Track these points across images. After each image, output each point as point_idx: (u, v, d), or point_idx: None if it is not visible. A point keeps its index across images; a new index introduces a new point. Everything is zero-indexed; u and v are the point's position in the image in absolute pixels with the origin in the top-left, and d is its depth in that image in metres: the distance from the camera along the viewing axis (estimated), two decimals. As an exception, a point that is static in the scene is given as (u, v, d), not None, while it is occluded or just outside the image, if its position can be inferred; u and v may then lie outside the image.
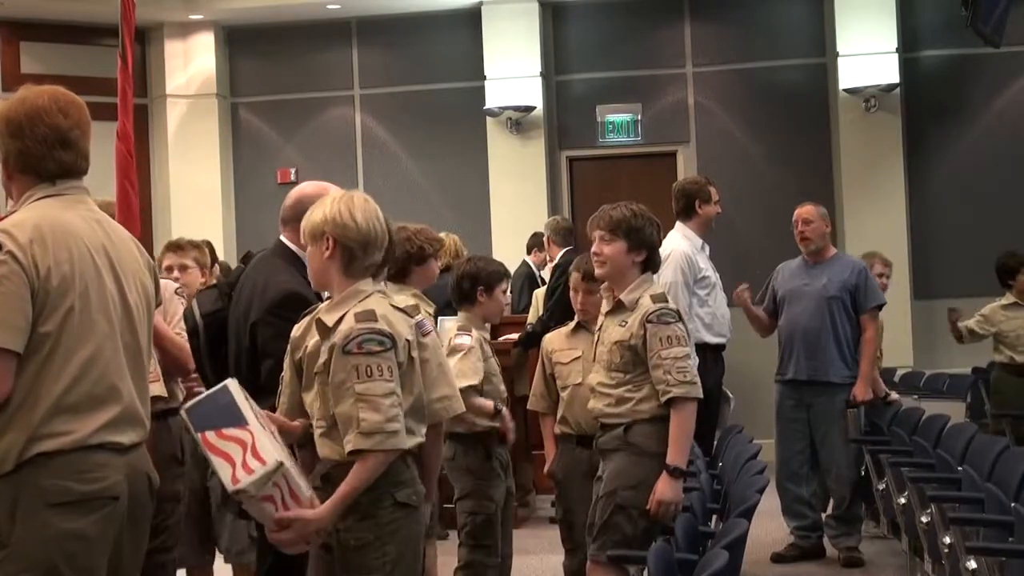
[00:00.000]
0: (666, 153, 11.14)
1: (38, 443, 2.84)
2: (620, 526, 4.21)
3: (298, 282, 4.03)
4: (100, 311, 2.98)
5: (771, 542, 6.93)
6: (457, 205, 11.22)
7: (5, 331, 2.80)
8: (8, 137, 3.05)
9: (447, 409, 3.85)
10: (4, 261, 2.83)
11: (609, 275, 4.41)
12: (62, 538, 2.85)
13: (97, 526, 2.89)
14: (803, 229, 6.88)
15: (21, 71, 10.85)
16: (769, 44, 11.07)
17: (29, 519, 2.83)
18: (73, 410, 2.88)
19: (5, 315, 2.81)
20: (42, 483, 2.84)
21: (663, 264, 6.65)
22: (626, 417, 4.30)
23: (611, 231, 4.36)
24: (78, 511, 2.87)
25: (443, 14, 11.30)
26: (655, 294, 4.34)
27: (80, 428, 2.88)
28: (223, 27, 11.55)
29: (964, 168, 10.74)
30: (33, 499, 2.84)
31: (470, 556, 4.96)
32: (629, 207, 4.41)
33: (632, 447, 4.27)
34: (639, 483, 4.23)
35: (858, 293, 6.77)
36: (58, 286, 2.89)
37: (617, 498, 4.25)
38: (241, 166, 11.69)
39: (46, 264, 2.88)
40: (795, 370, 6.81)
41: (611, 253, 4.36)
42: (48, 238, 2.91)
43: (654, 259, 4.44)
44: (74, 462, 2.86)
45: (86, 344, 2.92)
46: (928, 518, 5.00)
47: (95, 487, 2.87)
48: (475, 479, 4.99)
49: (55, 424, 2.86)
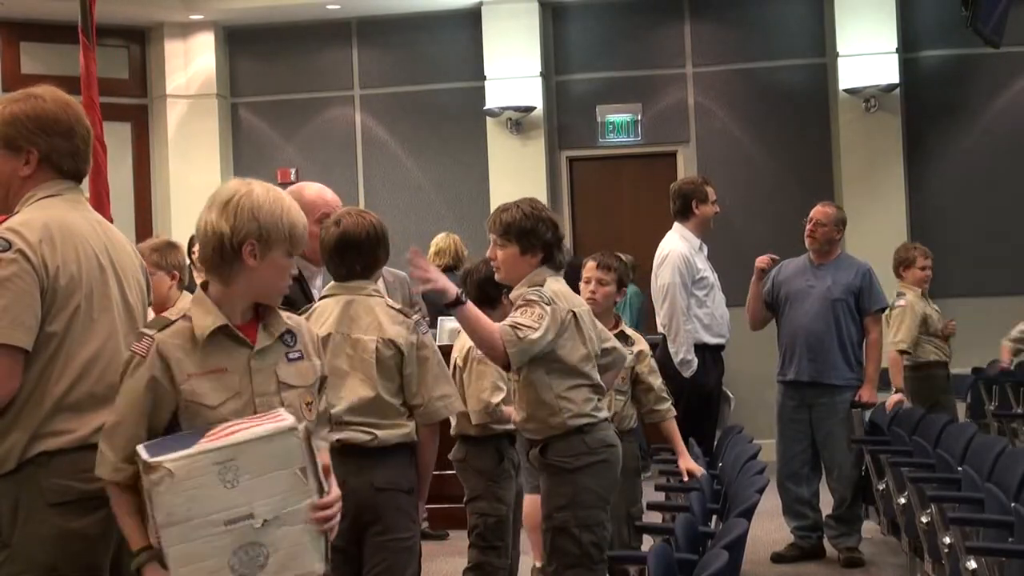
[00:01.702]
0: (666, 153, 11.14)
1: (40, 442, 2.85)
2: (565, 548, 4.12)
3: None
4: (103, 311, 2.99)
5: (771, 542, 6.94)
6: (457, 205, 11.23)
7: (17, 329, 2.81)
8: (57, 136, 3.04)
9: (447, 407, 3.87)
10: (15, 260, 2.84)
11: (507, 280, 4.25)
12: (64, 538, 2.85)
13: (99, 525, 2.89)
14: (813, 229, 6.85)
15: (21, 71, 10.85)
16: (769, 44, 11.07)
17: (31, 519, 2.84)
18: (75, 409, 2.88)
19: (17, 313, 2.81)
20: (43, 482, 2.84)
21: (662, 265, 6.67)
22: (539, 434, 4.18)
23: (503, 235, 4.18)
24: (79, 510, 2.86)
25: (443, 14, 11.30)
26: (533, 281, 4.14)
27: (81, 427, 2.88)
28: (223, 27, 11.55)
29: (964, 168, 10.74)
30: (35, 498, 2.84)
31: (481, 557, 4.96)
32: (521, 207, 4.19)
33: (552, 467, 4.16)
34: (568, 502, 4.12)
35: (862, 295, 6.76)
36: (66, 286, 2.90)
37: (554, 521, 4.15)
38: (241, 166, 11.68)
39: (55, 264, 2.89)
40: (797, 371, 6.79)
41: (504, 257, 4.20)
42: (56, 238, 2.92)
43: (554, 257, 4.21)
44: (75, 461, 2.86)
45: (89, 343, 2.93)
46: (928, 518, 5.00)
47: (96, 486, 2.86)
48: (487, 480, 4.98)
49: (57, 423, 2.86)
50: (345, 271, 3.89)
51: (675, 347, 6.50)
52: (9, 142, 3.01)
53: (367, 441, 3.74)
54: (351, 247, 3.86)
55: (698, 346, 6.56)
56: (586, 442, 4.15)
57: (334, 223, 3.90)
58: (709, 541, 4.12)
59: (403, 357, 3.77)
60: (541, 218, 4.19)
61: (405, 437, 3.79)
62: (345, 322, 3.81)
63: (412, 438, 3.82)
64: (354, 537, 3.75)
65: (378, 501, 3.74)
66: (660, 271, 6.65)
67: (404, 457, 3.81)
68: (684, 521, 4.12)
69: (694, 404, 6.41)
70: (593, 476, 4.16)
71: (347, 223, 3.87)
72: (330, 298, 3.89)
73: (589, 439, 4.16)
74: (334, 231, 3.87)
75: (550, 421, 4.14)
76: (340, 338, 3.79)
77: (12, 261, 2.83)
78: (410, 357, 3.78)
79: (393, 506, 3.76)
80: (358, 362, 3.77)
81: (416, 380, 3.79)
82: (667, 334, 6.53)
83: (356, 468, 3.71)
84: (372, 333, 3.78)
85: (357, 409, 3.75)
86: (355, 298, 3.84)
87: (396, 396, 3.78)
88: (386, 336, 3.77)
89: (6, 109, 3.02)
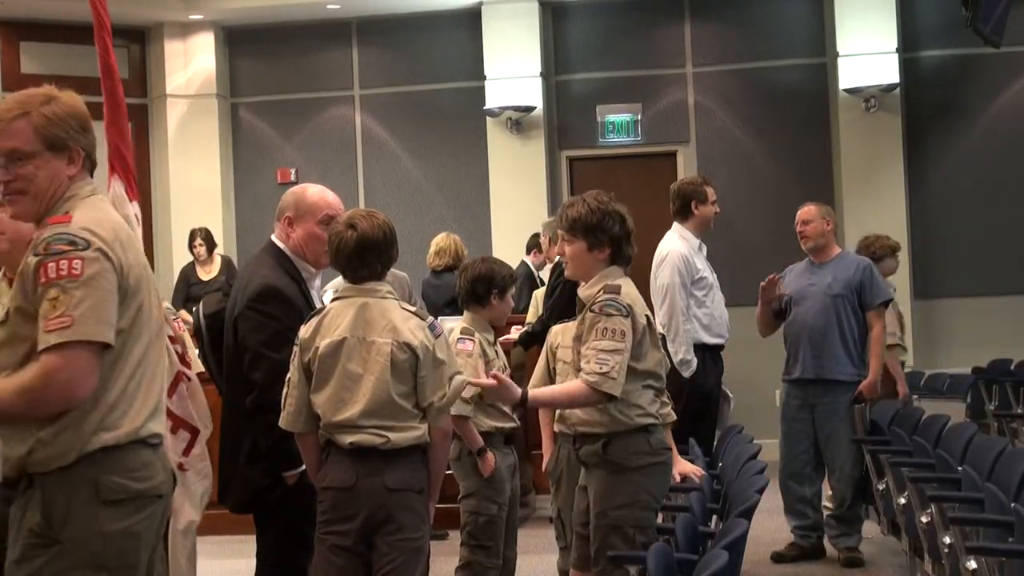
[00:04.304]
0: (666, 153, 11.15)
1: (100, 435, 2.86)
2: (617, 547, 4.11)
3: (276, 276, 4.05)
4: (153, 307, 3.03)
5: (771, 542, 6.93)
6: (457, 205, 11.23)
7: (103, 326, 2.83)
8: (90, 133, 3.06)
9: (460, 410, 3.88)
10: (97, 258, 2.85)
11: (577, 276, 4.25)
12: (116, 536, 2.87)
13: (145, 524, 2.93)
14: (802, 229, 6.91)
15: (21, 71, 10.86)
16: (769, 44, 11.07)
17: (84, 515, 2.84)
18: (128, 402, 2.92)
19: (104, 311, 2.84)
20: (99, 479, 2.86)
21: (661, 265, 6.68)
22: (603, 428, 4.15)
23: (570, 231, 4.17)
24: (129, 509, 2.89)
25: (443, 14, 11.31)
26: (610, 284, 4.12)
27: (132, 421, 2.91)
28: (223, 27, 11.55)
29: (964, 168, 10.75)
30: (89, 495, 2.85)
31: (470, 556, 4.96)
32: (587, 202, 4.18)
33: (612, 464, 4.14)
34: (627, 501, 4.12)
35: (863, 290, 6.78)
36: (133, 284, 2.93)
37: (608, 519, 4.12)
38: (241, 166, 11.69)
39: (127, 263, 2.92)
40: (802, 369, 6.81)
41: (572, 254, 4.20)
42: (123, 237, 2.96)
43: (622, 252, 4.22)
44: (126, 459, 2.89)
45: (141, 339, 2.96)
46: (928, 518, 5.00)
47: (145, 485, 2.91)
48: (480, 479, 4.98)
49: (115, 417, 2.89)
50: (367, 272, 3.87)
51: (674, 347, 6.50)
52: (54, 143, 2.98)
53: (380, 444, 3.74)
54: (370, 249, 3.85)
55: (697, 346, 6.56)
56: (649, 442, 4.14)
57: (347, 227, 3.87)
58: (709, 541, 4.12)
59: (418, 360, 3.77)
60: (607, 212, 4.17)
61: (418, 440, 3.79)
62: (360, 325, 3.80)
63: (425, 440, 3.81)
64: (364, 537, 3.76)
65: (390, 501, 3.74)
66: (659, 271, 6.65)
67: (416, 458, 3.81)
68: (684, 521, 4.11)
69: (694, 404, 6.41)
70: (652, 477, 4.16)
71: (363, 226, 3.86)
72: (343, 300, 3.87)
73: (652, 439, 4.16)
74: (352, 235, 3.85)
75: (618, 417, 4.11)
76: (355, 341, 3.78)
77: (95, 260, 2.85)
78: (425, 360, 3.77)
79: (405, 506, 3.77)
80: (372, 365, 3.76)
81: (430, 382, 3.79)
82: (666, 334, 6.53)
83: (368, 470, 3.72)
84: (387, 336, 3.77)
85: (371, 413, 3.74)
86: (369, 300, 3.83)
87: (409, 398, 3.78)
88: (401, 339, 3.77)
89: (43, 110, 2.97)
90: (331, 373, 3.77)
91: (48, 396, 2.80)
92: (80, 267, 2.81)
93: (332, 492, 3.78)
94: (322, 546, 3.81)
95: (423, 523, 3.84)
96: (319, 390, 3.79)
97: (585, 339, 4.05)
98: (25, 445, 2.84)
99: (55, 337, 2.77)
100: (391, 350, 3.75)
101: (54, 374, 2.78)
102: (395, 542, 3.75)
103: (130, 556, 2.90)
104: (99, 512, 2.85)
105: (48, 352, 2.78)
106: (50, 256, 2.82)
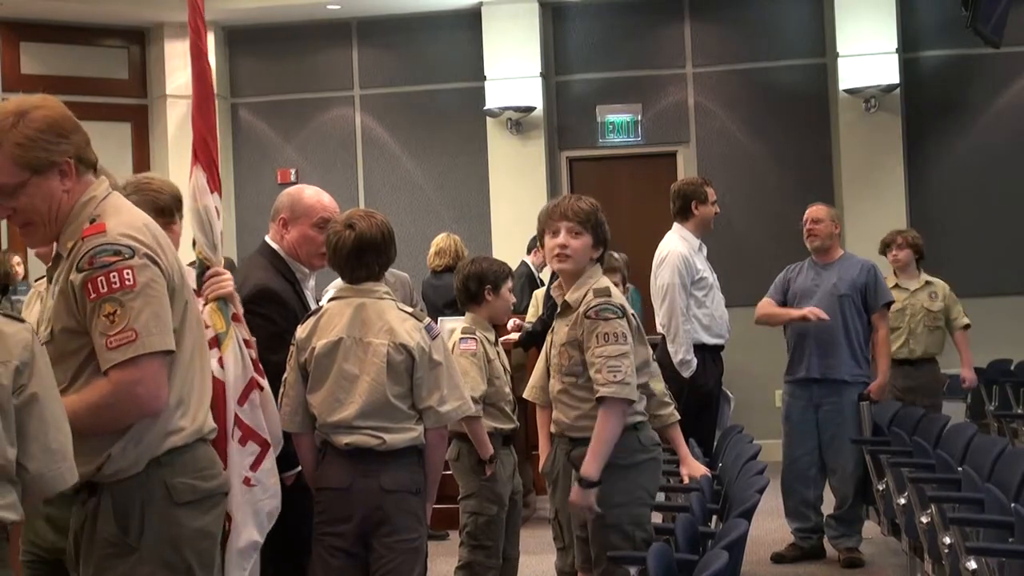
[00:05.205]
0: (666, 153, 11.14)
1: (169, 438, 2.82)
2: (618, 546, 4.10)
3: (270, 277, 4.04)
4: (192, 301, 2.98)
5: (771, 542, 6.94)
6: (457, 205, 11.23)
7: (168, 335, 2.78)
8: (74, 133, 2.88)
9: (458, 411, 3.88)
10: (146, 265, 2.76)
11: (574, 271, 4.15)
12: (193, 537, 2.84)
13: (216, 522, 2.92)
14: (812, 227, 6.89)
15: (21, 71, 10.85)
16: (769, 44, 11.07)
17: (160, 519, 2.81)
18: (186, 402, 2.88)
19: (164, 318, 2.78)
20: (170, 481, 2.82)
21: (661, 265, 6.67)
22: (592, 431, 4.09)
23: (581, 224, 4.08)
24: (202, 508, 2.87)
25: (443, 14, 11.30)
26: (598, 287, 4.07)
27: (193, 419, 2.88)
28: (223, 27, 11.54)
29: (964, 168, 10.74)
30: (162, 500, 2.81)
31: (470, 556, 4.97)
32: (590, 200, 4.15)
33: (606, 464, 4.08)
34: (624, 500, 4.10)
35: (868, 292, 6.79)
36: (178, 282, 2.87)
37: (607, 518, 4.10)
38: (241, 166, 11.69)
39: (170, 264, 2.85)
40: (807, 368, 6.81)
41: (579, 247, 4.09)
42: (159, 235, 2.88)
43: (604, 255, 4.24)
44: (193, 458, 2.86)
45: (188, 337, 2.90)
46: (928, 518, 5.00)
47: (213, 484, 2.89)
48: (479, 479, 4.98)
49: (177, 418, 2.84)
50: (365, 273, 3.87)
51: (674, 347, 6.50)
52: (37, 166, 2.80)
53: (376, 445, 3.74)
54: (369, 249, 3.85)
55: (697, 346, 6.55)
56: (640, 440, 4.14)
57: (346, 227, 3.87)
58: (709, 541, 4.12)
59: (414, 361, 3.77)
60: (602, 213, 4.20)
61: (414, 441, 3.79)
62: (356, 326, 3.80)
63: (421, 441, 3.81)
64: (361, 539, 3.76)
65: (386, 503, 3.74)
66: (659, 271, 6.64)
67: (413, 459, 3.81)
68: (684, 521, 4.11)
69: (694, 404, 6.40)
70: (646, 473, 4.16)
71: (362, 226, 3.85)
72: (340, 301, 3.87)
73: (642, 436, 4.15)
74: (349, 235, 3.85)
75: None
76: (351, 342, 3.78)
77: (145, 266, 2.76)
78: (421, 361, 3.77)
79: (401, 508, 3.77)
80: (369, 366, 3.76)
81: (427, 384, 3.78)
82: (666, 334, 6.53)
83: (364, 471, 3.73)
84: (383, 337, 3.77)
85: (367, 414, 3.74)
86: (366, 301, 3.83)
87: (405, 400, 3.78)
88: (398, 340, 3.76)
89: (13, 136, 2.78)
90: (327, 374, 3.77)
91: (123, 413, 2.75)
92: (132, 277, 2.73)
93: (328, 493, 3.78)
94: (319, 547, 3.82)
95: (420, 524, 3.83)
96: (315, 390, 3.79)
97: (587, 346, 4.03)
98: (94, 463, 2.77)
99: (121, 353, 2.71)
100: (387, 351, 3.75)
101: (129, 389, 2.72)
102: (391, 543, 3.75)
103: (207, 556, 2.89)
104: (174, 515, 2.81)
105: (116, 369, 2.71)
106: (97, 270, 2.72)
